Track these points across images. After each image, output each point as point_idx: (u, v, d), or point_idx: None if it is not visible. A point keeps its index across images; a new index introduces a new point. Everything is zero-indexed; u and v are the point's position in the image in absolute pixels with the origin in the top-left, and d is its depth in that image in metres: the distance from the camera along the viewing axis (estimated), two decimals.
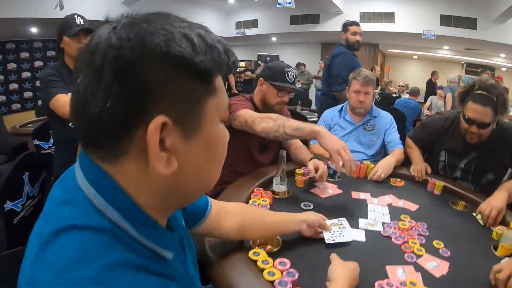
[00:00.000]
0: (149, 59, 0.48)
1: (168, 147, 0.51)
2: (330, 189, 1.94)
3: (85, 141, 0.54)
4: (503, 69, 13.85)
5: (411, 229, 1.55)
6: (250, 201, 1.64)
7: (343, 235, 1.40)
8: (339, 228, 1.46)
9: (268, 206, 1.60)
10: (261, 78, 2.22)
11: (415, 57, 14.91)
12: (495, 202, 1.72)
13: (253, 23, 12.54)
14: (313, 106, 8.45)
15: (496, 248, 1.44)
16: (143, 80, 0.48)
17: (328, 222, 1.44)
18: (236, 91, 7.17)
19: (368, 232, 1.50)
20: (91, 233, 0.48)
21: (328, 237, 1.37)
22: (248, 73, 11.93)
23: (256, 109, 2.20)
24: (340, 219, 1.53)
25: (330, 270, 1.07)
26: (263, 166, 2.22)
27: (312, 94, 10.41)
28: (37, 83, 8.80)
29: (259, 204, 1.61)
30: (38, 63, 9.41)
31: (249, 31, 12.57)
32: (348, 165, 1.62)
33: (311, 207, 1.69)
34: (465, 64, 14.16)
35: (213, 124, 0.58)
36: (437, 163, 2.35)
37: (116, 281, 0.44)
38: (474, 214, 1.79)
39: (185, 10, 10.87)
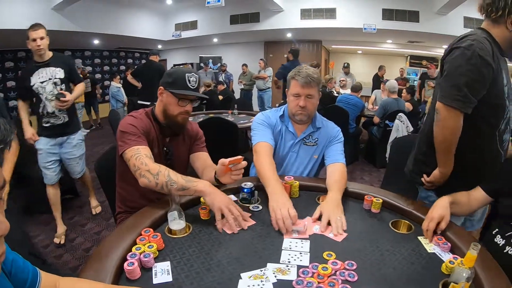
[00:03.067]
0: None
1: None
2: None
3: None
4: None
5: (335, 273, 1.19)
6: (134, 248, 1.25)
7: None
8: (262, 281, 1.14)
9: (152, 255, 1.22)
10: (160, 87, 1.86)
11: (360, 52, 15.02)
12: (433, 211, 1.47)
13: (193, 25, 12.14)
14: (256, 108, 8.19)
15: None
16: None
17: (247, 274, 1.18)
18: None
19: (277, 284, 1.14)
20: None
21: None
22: None
23: (158, 123, 1.91)
24: (263, 269, 1.20)
25: None
26: None
27: (255, 95, 10.09)
28: None
29: (143, 252, 1.22)
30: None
31: (189, 33, 12.19)
32: (232, 225, 1.47)
33: None
34: (409, 57, 14.42)
35: None
36: None
37: None
38: (419, 237, 1.47)
39: (120, 14, 10.40)
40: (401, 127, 4.82)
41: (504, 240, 1.54)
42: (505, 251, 1.52)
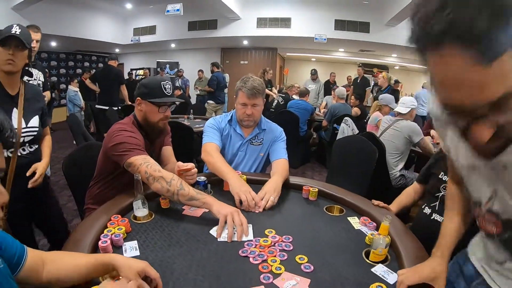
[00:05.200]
0: None
1: None
2: None
3: None
4: (396, 67, 15.10)
5: (274, 245, 1.48)
6: (105, 231, 1.49)
7: None
8: None
9: (121, 235, 1.46)
10: (138, 98, 2.07)
11: (313, 59, 15.54)
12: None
13: (151, 30, 12.25)
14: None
15: (368, 255, 1.42)
16: None
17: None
18: (130, 103, 6.82)
19: (225, 254, 1.42)
20: None
21: None
22: None
23: (142, 130, 2.09)
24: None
25: None
26: None
27: None
28: None
29: (113, 233, 1.47)
30: None
31: (147, 38, 12.27)
32: (239, 230, 1.57)
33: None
34: (360, 65, 15.03)
35: None
36: None
37: None
38: (348, 218, 1.79)
39: (80, 17, 10.38)
40: (346, 130, 5.19)
41: (430, 209, 2.06)
42: (432, 217, 2.04)
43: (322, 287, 1.23)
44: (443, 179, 2.05)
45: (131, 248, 1.44)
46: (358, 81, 9.41)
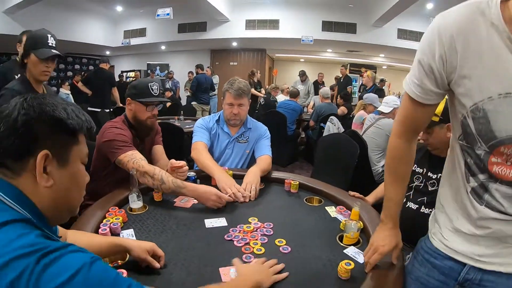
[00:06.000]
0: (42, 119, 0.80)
1: (48, 171, 0.81)
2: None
3: None
4: (384, 67, 15.32)
5: (256, 230, 1.65)
6: (104, 221, 1.64)
7: None
8: None
9: (119, 224, 1.62)
10: (128, 98, 2.26)
11: (302, 60, 15.73)
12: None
13: (141, 32, 12.35)
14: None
15: (341, 239, 1.58)
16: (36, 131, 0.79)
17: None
18: (121, 104, 6.93)
19: (212, 239, 1.59)
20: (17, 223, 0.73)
21: None
22: None
23: (132, 128, 2.28)
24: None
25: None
26: None
27: None
28: None
29: (111, 222, 1.62)
30: None
31: (138, 40, 12.38)
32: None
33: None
34: (348, 65, 15.21)
35: (75, 163, 0.89)
36: None
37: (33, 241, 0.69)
38: (326, 207, 1.95)
39: (71, 20, 10.50)
40: (332, 128, 5.34)
41: (417, 205, 2.05)
42: (421, 210, 2.03)
43: (297, 264, 1.39)
44: (429, 175, 2.08)
45: (128, 235, 1.59)
46: (342, 80, 9.59)
